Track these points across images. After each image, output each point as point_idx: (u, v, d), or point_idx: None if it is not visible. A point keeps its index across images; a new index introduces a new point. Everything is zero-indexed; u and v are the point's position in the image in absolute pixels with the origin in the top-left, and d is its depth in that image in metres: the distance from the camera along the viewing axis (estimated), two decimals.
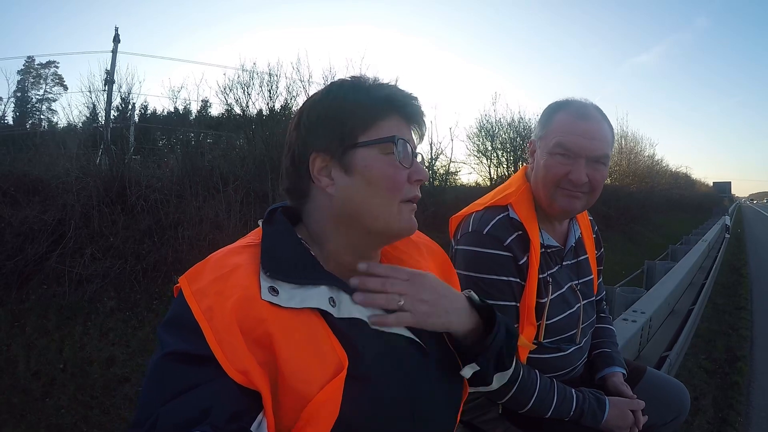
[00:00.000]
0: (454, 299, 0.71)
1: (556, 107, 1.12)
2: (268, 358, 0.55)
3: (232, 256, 0.62)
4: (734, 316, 5.40)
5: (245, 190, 6.60)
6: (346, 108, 0.66)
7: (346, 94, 0.67)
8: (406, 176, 0.67)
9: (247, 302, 0.56)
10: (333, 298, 0.62)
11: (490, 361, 0.73)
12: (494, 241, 1.06)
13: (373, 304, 0.64)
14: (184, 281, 0.59)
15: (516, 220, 1.09)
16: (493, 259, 1.05)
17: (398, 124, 0.68)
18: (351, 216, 0.66)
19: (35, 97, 21.37)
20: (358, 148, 0.65)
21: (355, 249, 0.69)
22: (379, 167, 0.65)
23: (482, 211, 1.12)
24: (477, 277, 1.04)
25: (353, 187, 0.65)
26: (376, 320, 0.64)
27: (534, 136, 1.17)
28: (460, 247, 1.10)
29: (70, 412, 3.83)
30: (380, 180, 0.65)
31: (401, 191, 0.67)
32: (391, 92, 0.68)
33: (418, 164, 0.69)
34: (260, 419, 0.53)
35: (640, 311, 2.62)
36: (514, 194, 1.13)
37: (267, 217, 0.69)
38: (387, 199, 0.66)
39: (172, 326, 0.56)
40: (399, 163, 0.66)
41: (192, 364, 0.52)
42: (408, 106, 0.69)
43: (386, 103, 0.67)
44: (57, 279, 5.11)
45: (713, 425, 2.84)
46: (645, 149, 24.29)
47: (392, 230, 0.68)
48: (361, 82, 0.69)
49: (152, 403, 0.50)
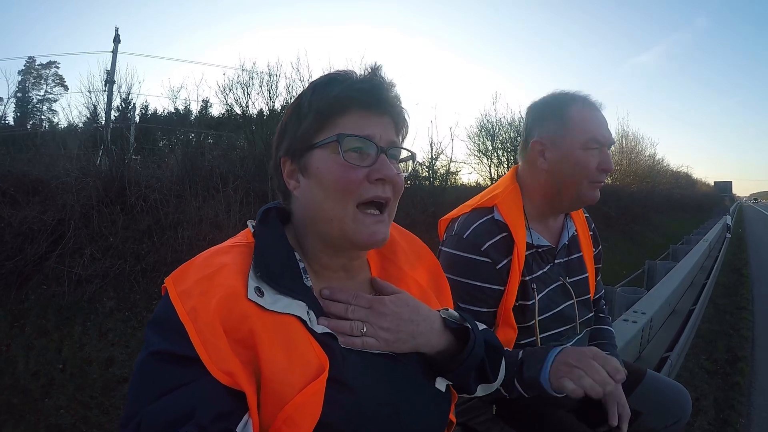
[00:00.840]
0: (422, 321, 0.69)
1: (564, 102, 1.10)
2: (252, 356, 0.54)
3: (219, 255, 0.62)
4: (735, 316, 5.38)
5: (245, 190, 6.61)
6: (303, 110, 0.66)
7: (307, 95, 0.66)
8: (361, 176, 0.63)
9: (231, 299, 0.56)
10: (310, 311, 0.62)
11: (467, 375, 0.72)
12: (471, 246, 1.06)
13: (337, 329, 0.63)
14: (169, 282, 0.58)
15: (501, 221, 1.09)
16: (468, 264, 1.06)
17: (359, 118, 0.64)
18: (312, 219, 0.66)
19: (36, 98, 21.43)
20: (314, 150, 0.64)
21: (329, 252, 0.68)
22: (327, 168, 0.63)
23: (467, 214, 1.13)
24: (455, 280, 1.04)
25: (310, 190, 0.65)
26: (344, 341, 0.63)
27: (542, 135, 1.11)
28: (444, 249, 1.12)
29: (70, 412, 3.83)
30: (330, 181, 0.63)
31: (353, 192, 0.62)
32: (349, 86, 0.64)
33: (383, 161, 0.64)
34: (246, 420, 0.52)
35: (641, 312, 2.61)
36: (501, 195, 1.13)
37: (262, 217, 0.69)
38: (339, 203, 0.63)
39: (158, 326, 0.56)
40: (346, 161, 0.62)
41: (177, 364, 0.52)
42: (371, 98, 0.64)
43: (339, 98, 0.64)
44: (56, 279, 5.11)
45: (714, 426, 2.83)
46: (645, 149, 24.29)
47: (349, 239, 0.64)
48: (328, 78, 0.67)
49: (138, 402, 0.51)
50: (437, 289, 0.83)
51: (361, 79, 0.66)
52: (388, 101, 0.66)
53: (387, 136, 0.66)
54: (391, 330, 0.66)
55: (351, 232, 0.63)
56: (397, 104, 0.68)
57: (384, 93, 0.66)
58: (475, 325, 0.75)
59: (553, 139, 1.10)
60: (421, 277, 0.80)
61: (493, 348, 0.77)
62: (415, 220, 7.53)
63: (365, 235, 0.64)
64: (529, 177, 1.16)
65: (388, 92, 0.67)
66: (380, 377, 0.64)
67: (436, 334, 0.70)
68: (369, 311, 0.66)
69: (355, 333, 0.64)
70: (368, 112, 0.65)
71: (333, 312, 0.64)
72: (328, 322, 0.63)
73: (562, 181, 1.10)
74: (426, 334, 0.69)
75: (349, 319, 0.64)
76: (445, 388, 0.72)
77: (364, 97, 0.64)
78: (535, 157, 1.12)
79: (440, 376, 0.72)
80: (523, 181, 1.17)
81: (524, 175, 1.18)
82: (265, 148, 7.37)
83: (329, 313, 0.64)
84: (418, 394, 0.67)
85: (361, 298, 0.66)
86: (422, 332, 0.68)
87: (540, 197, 1.15)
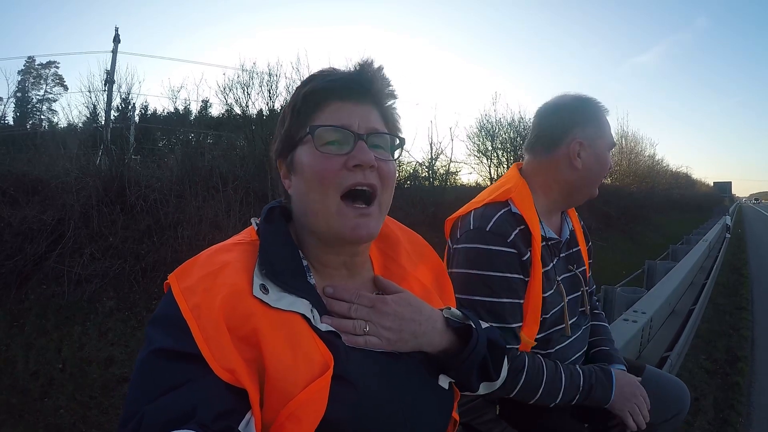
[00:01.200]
0: (424, 321, 0.69)
1: (597, 106, 1.17)
2: (255, 355, 0.54)
3: (222, 253, 0.62)
4: (735, 316, 5.38)
5: (245, 189, 6.61)
6: (287, 110, 0.68)
7: (293, 96, 0.68)
8: (338, 164, 0.62)
9: (235, 297, 0.55)
10: (314, 309, 0.62)
11: (470, 374, 0.72)
12: (498, 237, 1.04)
13: (340, 328, 0.63)
14: (173, 279, 0.58)
15: (518, 214, 1.08)
16: (497, 256, 1.03)
17: (336, 110, 0.65)
18: (303, 215, 0.67)
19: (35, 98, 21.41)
20: (297, 148, 0.66)
21: (326, 249, 0.68)
22: (307, 161, 0.64)
23: (483, 208, 1.10)
24: (481, 275, 1.03)
25: (298, 187, 0.66)
26: (347, 339, 0.63)
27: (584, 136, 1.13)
28: (462, 245, 1.08)
29: (69, 412, 3.82)
30: (309, 173, 0.63)
31: (332, 181, 0.62)
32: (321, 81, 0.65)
33: (360, 147, 0.63)
34: (248, 418, 0.52)
35: (641, 311, 2.60)
36: (514, 189, 1.12)
37: (266, 215, 0.69)
38: (320, 194, 0.63)
39: (160, 323, 0.55)
40: (320, 152, 0.62)
41: (179, 362, 0.52)
42: (343, 86, 0.65)
43: (314, 94, 0.65)
44: (56, 279, 5.11)
45: (714, 426, 2.83)
46: (645, 149, 24.35)
47: (335, 233, 0.64)
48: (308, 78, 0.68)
49: (138, 400, 0.50)
50: (440, 288, 0.83)
51: (341, 72, 0.67)
52: (368, 88, 0.66)
53: (367, 124, 0.65)
54: (394, 329, 0.66)
55: (336, 226, 0.63)
56: (379, 91, 0.67)
57: (361, 80, 0.66)
58: (477, 322, 0.75)
59: (593, 141, 1.14)
60: (423, 276, 0.80)
61: (496, 346, 0.77)
62: (415, 220, 7.53)
63: (348, 228, 0.63)
64: (541, 173, 1.16)
65: (367, 79, 0.66)
66: (384, 375, 0.64)
67: (438, 334, 0.70)
68: (371, 310, 0.66)
69: (358, 332, 0.64)
70: (345, 102, 0.65)
71: (336, 311, 0.64)
72: (332, 320, 0.63)
73: (589, 180, 1.15)
74: (428, 334, 0.69)
75: (352, 318, 0.64)
76: (448, 386, 0.72)
77: (339, 87, 0.65)
78: (572, 156, 1.13)
79: (443, 374, 0.72)
80: (532, 177, 1.17)
81: (533, 172, 1.18)
82: (264, 148, 7.37)
83: (332, 311, 0.64)
84: (421, 391, 0.67)
85: (364, 297, 0.66)
86: (424, 332, 0.68)
87: (557, 193, 1.16)
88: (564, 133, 1.14)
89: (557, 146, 1.14)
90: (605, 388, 1.07)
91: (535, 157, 1.18)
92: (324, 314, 0.63)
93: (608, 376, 1.09)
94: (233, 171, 6.98)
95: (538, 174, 1.17)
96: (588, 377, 1.07)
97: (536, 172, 1.17)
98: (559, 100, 1.18)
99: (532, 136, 1.20)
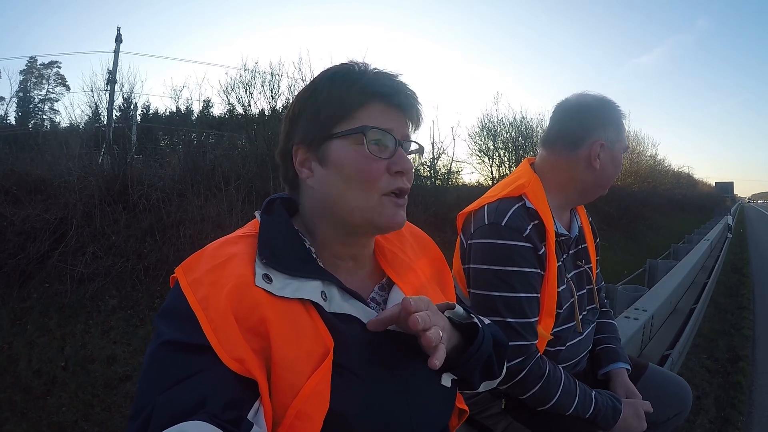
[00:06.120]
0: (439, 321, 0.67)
1: (617, 109, 1.17)
2: (263, 345, 0.55)
3: (228, 246, 0.62)
4: (736, 315, 5.38)
5: (247, 189, 6.61)
6: (321, 99, 0.65)
7: (324, 84, 0.66)
8: (383, 168, 0.64)
9: (241, 289, 0.56)
10: (324, 292, 0.62)
11: (473, 372, 0.72)
12: (513, 232, 1.04)
13: (429, 344, 0.57)
14: (180, 272, 0.59)
15: (532, 209, 1.08)
16: (513, 251, 1.03)
17: (380, 112, 0.65)
18: (329, 208, 0.66)
19: (38, 97, 21.50)
20: (333, 140, 0.64)
21: (344, 240, 0.68)
22: (351, 159, 0.63)
23: (497, 203, 1.10)
24: (498, 270, 1.02)
25: (329, 180, 0.65)
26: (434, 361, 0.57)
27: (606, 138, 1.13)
28: (476, 240, 1.08)
29: (72, 410, 3.84)
30: (353, 173, 0.63)
31: (377, 184, 0.64)
32: (371, 80, 0.65)
33: (401, 154, 0.66)
34: (257, 407, 0.52)
35: (642, 309, 2.60)
36: (528, 184, 1.12)
37: (266, 207, 0.69)
38: (362, 193, 0.64)
39: (168, 316, 0.56)
40: (370, 153, 0.63)
41: (188, 353, 0.52)
42: (391, 92, 0.66)
43: (362, 91, 0.65)
44: (59, 277, 5.12)
45: (715, 424, 2.83)
46: (647, 149, 24.30)
47: (373, 224, 0.65)
48: (345, 69, 0.67)
49: (149, 392, 0.50)
50: (441, 283, 0.84)
51: (382, 74, 0.67)
52: (408, 98, 0.68)
53: (402, 131, 0.68)
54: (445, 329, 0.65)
55: (376, 217, 0.65)
56: (414, 102, 0.69)
57: (406, 90, 0.68)
58: (481, 320, 0.75)
59: (612, 144, 1.14)
60: (424, 268, 0.80)
61: (499, 344, 0.76)
62: (417, 220, 7.51)
63: (388, 217, 0.65)
64: (558, 170, 1.15)
65: (407, 90, 0.68)
66: (388, 362, 0.64)
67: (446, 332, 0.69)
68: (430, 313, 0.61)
69: (437, 339, 0.58)
70: (389, 107, 0.66)
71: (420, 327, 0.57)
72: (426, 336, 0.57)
73: (603, 180, 1.15)
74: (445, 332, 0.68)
75: (429, 327, 0.58)
76: (450, 384, 0.72)
77: (388, 92, 0.66)
78: (593, 157, 1.12)
79: (446, 372, 0.71)
80: (546, 173, 1.17)
81: (549, 168, 1.17)
82: (267, 147, 7.38)
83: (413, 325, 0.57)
84: (425, 388, 0.67)
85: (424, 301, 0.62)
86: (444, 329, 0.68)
87: (572, 191, 1.16)
88: (588, 134, 1.13)
89: (579, 146, 1.13)
90: (608, 424, 1.07)
91: (554, 154, 1.16)
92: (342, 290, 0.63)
93: (616, 413, 1.07)
94: (235, 170, 6.97)
95: (554, 171, 1.16)
96: (596, 409, 1.05)
97: (552, 168, 1.16)
98: (582, 100, 1.16)
99: (552, 132, 1.18)
